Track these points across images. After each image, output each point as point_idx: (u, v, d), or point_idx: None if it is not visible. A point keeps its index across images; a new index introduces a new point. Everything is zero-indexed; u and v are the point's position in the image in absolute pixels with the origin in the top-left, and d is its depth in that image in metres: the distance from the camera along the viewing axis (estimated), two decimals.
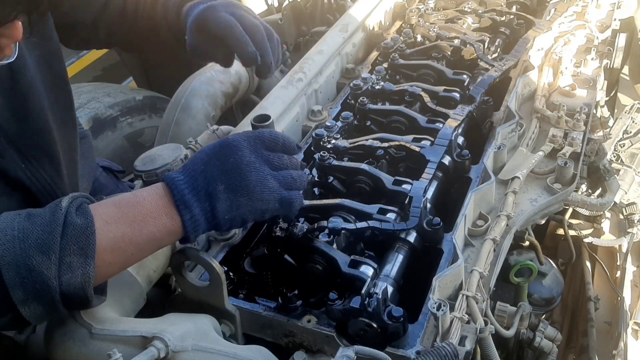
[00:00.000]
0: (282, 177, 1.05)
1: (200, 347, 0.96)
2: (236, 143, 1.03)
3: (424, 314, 1.12)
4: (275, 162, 1.05)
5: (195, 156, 1.04)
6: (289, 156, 1.09)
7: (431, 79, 1.80)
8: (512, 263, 1.51)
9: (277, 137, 1.08)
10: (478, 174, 1.47)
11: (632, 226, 2.14)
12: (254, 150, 1.04)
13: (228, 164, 1.00)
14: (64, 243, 0.88)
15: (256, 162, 1.02)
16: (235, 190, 0.99)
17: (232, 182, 0.99)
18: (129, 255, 0.98)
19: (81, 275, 0.89)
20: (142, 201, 0.97)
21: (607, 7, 2.14)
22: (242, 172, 1.00)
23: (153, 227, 0.96)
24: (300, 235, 1.18)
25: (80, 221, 0.90)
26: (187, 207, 0.97)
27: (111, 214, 0.95)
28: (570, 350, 1.99)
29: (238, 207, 1.00)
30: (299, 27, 2.61)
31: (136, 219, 0.96)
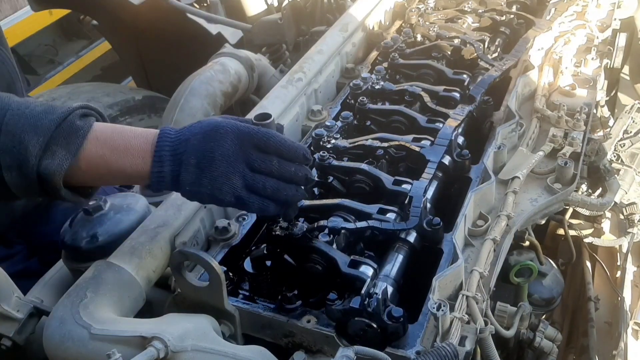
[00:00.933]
0: (253, 180, 1.07)
1: (200, 348, 0.96)
2: (223, 132, 1.07)
3: (424, 314, 1.12)
4: (256, 163, 1.07)
5: (194, 124, 1.10)
6: (280, 162, 1.08)
7: (431, 78, 1.79)
8: (512, 263, 1.51)
9: (269, 138, 1.08)
10: (478, 173, 1.47)
11: (633, 226, 2.15)
12: (238, 144, 1.06)
13: (207, 146, 1.06)
14: (57, 133, 1.02)
15: (232, 157, 1.05)
16: (201, 170, 1.06)
17: (202, 163, 1.05)
18: (100, 174, 1.09)
19: (57, 165, 1.02)
20: (133, 137, 1.09)
21: (607, 6, 2.14)
22: (214, 160, 1.05)
23: (127, 162, 1.07)
24: (300, 235, 1.18)
25: (79, 124, 1.05)
26: (160, 162, 1.07)
27: (106, 134, 1.08)
28: (571, 350, 1.99)
29: (199, 185, 1.06)
30: (299, 27, 2.60)
31: (119, 148, 1.07)
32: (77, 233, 1.25)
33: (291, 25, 2.56)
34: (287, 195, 1.10)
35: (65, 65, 4.79)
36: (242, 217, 1.37)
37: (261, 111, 1.10)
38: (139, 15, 2.97)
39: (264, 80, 2.23)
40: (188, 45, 2.99)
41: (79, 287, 1.08)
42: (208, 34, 2.88)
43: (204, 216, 1.33)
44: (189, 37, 2.97)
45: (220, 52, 2.12)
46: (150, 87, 3.39)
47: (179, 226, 1.25)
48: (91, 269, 1.12)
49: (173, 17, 2.87)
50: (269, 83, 2.19)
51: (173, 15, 2.84)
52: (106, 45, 4.53)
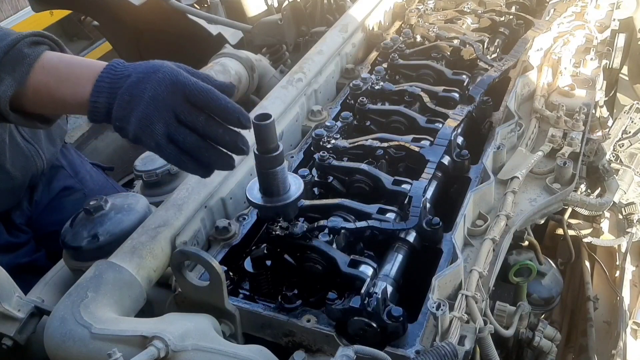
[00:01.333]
0: (175, 130, 1.06)
1: (200, 347, 0.96)
2: (161, 76, 1.07)
3: (424, 313, 1.12)
4: (182, 115, 1.06)
5: (143, 63, 1.11)
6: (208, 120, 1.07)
7: (431, 79, 1.80)
8: (512, 263, 1.52)
9: (201, 92, 1.06)
10: (477, 174, 1.47)
11: (631, 226, 2.15)
12: (171, 91, 1.06)
13: (141, 86, 1.06)
14: (4, 60, 1.06)
15: (160, 102, 1.06)
16: (132, 109, 1.06)
17: (134, 101, 1.06)
18: (44, 102, 1.12)
19: (2, 91, 1.06)
20: (80, 67, 1.11)
21: (606, 7, 2.14)
22: (142, 100, 1.06)
23: (69, 91, 1.10)
24: (300, 234, 1.18)
25: (27, 52, 1.08)
26: (98, 93, 1.09)
27: (53, 62, 1.11)
28: (570, 349, 1.99)
29: (127, 123, 1.07)
30: (299, 28, 2.60)
31: (63, 77, 1.10)
32: (78, 233, 1.25)
33: (291, 25, 2.56)
34: (209, 157, 1.09)
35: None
36: (243, 217, 1.38)
37: (261, 111, 1.10)
38: (140, 16, 2.97)
39: (264, 81, 2.24)
40: (188, 45, 2.99)
41: (79, 286, 1.09)
42: (208, 35, 2.88)
43: (205, 216, 1.34)
44: (189, 38, 2.97)
45: (221, 53, 2.12)
46: None
47: (180, 226, 1.25)
48: (92, 268, 1.13)
49: (173, 18, 2.87)
50: (269, 83, 2.20)
51: (173, 15, 2.85)
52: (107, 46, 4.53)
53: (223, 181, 1.39)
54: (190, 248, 1.09)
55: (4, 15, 4.39)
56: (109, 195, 1.33)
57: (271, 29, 2.57)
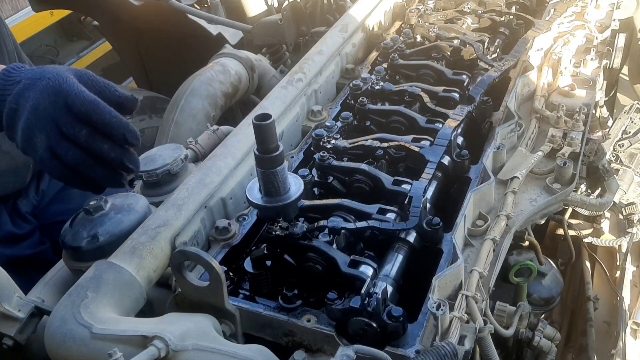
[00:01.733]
0: (57, 144, 1.00)
1: (201, 347, 0.96)
2: (44, 84, 1.00)
3: (424, 313, 1.12)
4: (64, 127, 1.00)
5: (37, 68, 1.05)
6: (90, 135, 1.00)
7: (431, 79, 1.80)
8: (512, 263, 1.52)
9: (84, 104, 0.99)
10: (477, 174, 1.47)
11: (632, 226, 2.15)
12: (53, 101, 0.99)
13: (25, 94, 1.00)
14: None
15: (41, 112, 0.99)
16: (17, 118, 1.01)
17: (18, 110, 1.00)
18: None
19: None
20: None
21: (606, 7, 2.14)
22: (24, 110, 1.00)
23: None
24: (300, 235, 1.18)
25: None
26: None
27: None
28: (569, 349, 1.99)
29: (15, 133, 1.03)
30: (299, 28, 2.61)
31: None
32: (78, 233, 1.25)
33: (291, 26, 2.56)
34: (94, 174, 1.03)
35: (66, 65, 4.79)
36: (243, 217, 1.38)
37: (261, 111, 1.11)
38: (140, 16, 2.97)
39: (264, 81, 2.24)
40: (188, 45, 3.00)
41: (79, 286, 1.09)
42: (208, 35, 2.89)
43: (205, 216, 1.34)
44: (189, 38, 2.98)
45: (221, 53, 2.13)
46: (150, 88, 3.39)
47: (180, 226, 1.25)
48: (92, 268, 1.13)
49: (174, 18, 2.87)
50: (269, 83, 2.20)
51: (174, 16, 2.85)
52: (107, 46, 4.54)
53: (223, 181, 1.39)
54: (190, 248, 1.09)
55: (4, 15, 4.39)
56: (109, 196, 1.33)
57: (271, 29, 2.57)
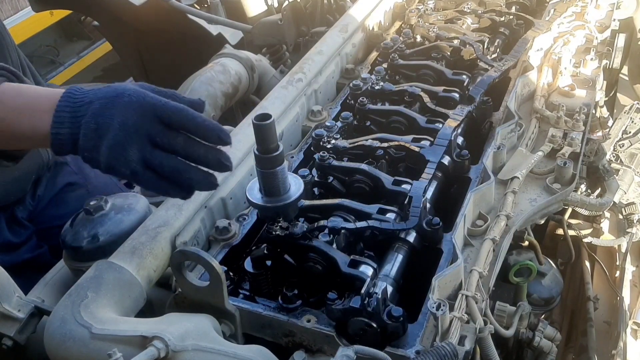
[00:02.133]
0: (151, 155, 1.01)
1: (200, 347, 0.96)
2: (127, 98, 1.01)
3: (424, 313, 1.12)
4: (158, 138, 1.01)
5: (104, 87, 1.04)
6: (188, 141, 1.02)
7: (431, 79, 1.80)
8: (512, 263, 1.52)
9: (175, 113, 1.01)
10: (477, 174, 1.47)
11: (632, 226, 2.15)
12: (141, 114, 1.00)
13: (108, 113, 1.00)
14: None
15: (132, 127, 0.99)
16: (101, 137, 1.00)
17: (102, 129, 1.00)
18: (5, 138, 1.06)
19: None
20: (37, 97, 1.03)
21: (606, 7, 2.14)
22: (112, 128, 0.99)
23: (27, 123, 1.02)
24: (300, 235, 1.18)
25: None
26: (60, 124, 1.01)
27: (9, 95, 1.04)
28: (570, 349, 1.99)
29: (97, 153, 1.01)
30: (299, 28, 2.61)
31: (19, 109, 1.03)
32: (78, 233, 1.25)
33: (291, 26, 2.56)
34: (190, 178, 1.04)
35: (66, 65, 4.80)
36: (243, 217, 1.38)
37: (261, 111, 1.10)
38: (140, 16, 2.97)
39: (264, 81, 2.24)
40: (189, 45, 3.00)
41: (79, 286, 1.09)
42: (208, 35, 2.89)
43: (205, 216, 1.34)
44: (189, 38, 2.98)
45: (221, 53, 2.13)
46: None
47: (180, 226, 1.25)
48: (92, 268, 1.13)
49: (174, 18, 2.87)
50: (269, 83, 2.20)
51: (174, 16, 2.85)
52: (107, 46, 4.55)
53: (223, 181, 1.39)
54: (191, 248, 1.09)
55: (4, 15, 4.39)
56: (109, 196, 1.33)
57: (271, 29, 2.57)
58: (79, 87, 1.05)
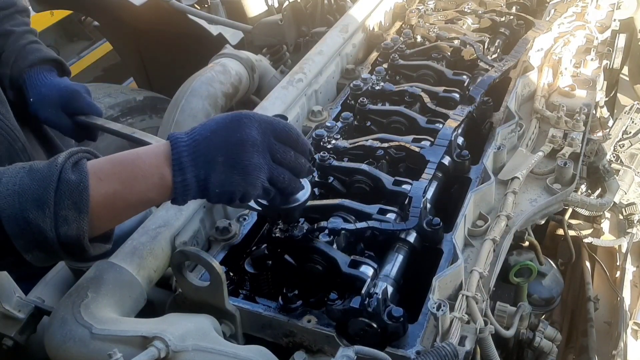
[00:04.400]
0: (276, 172, 1.03)
1: (201, 347, 0.96)
2: (247, 120, 1.01)
3: (424, 314, 1.12)
4: (278, 154, 1.03)
5: (206, 122, 1.03)
6: (296, 154, 1.06)
7: (431, 79, 1.80)
8: (512, 263, 1.52)
9: (290, 131, 1.05)
10: (478, 174, 1.47)
11: (632, 226, 2.15)
12: (263, 133, 1.02)
13: (234, 137, 0.99)
14: (58, 198, 0.92)
15: (261, 146, 1.01)
16: (233, 166, 0.99)
17: (232, 157, 0.99)
18: (120, 211, 1.01)
19: (76, 229, 0.94)
20: (138, 159, 1.00)
21: (606, 7, 2.14)
22: (245, 151, 0.99)
23: (144, 186, 0.98)
24: (301, 236, 1.18)
25: (75, 177, 0.94)
26: (181, 170, 0.98)
27: (106, 170, 0.98)
28: (570, 350, 1.99)
29: (231, 184, 1.00)
30: (299, 28, 2.61)
31: (129, 177, 0.98)
32: None
33: (292, 26, 2.56)
34: (294, 188, 1.09)
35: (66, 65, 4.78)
36: (243, 217, 1.38)
37: (262, 112, 1.11)
38: (140, 16, 2.97)
39: (264, 81, 2.24)
40: (189, 46, 3.00)
41: (80, 287, 1.09)
42: (209, 35, 2.89)
43: (205, 216, 1.34)
44: (189, 38, 2.98)
45: (221, 53, 2.12)
46: (151, 88, 3.39)
47: (180, 226, 1.25)
48: (92, 269, 1.13)
49: (174, 18, 2.87)
50: (270, 84, 2.20)
51: (174, 16, 2.85)
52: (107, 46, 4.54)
53: None
54: (191, 248, 1.09)
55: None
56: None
57: (271, 30, 2.57)
58: (177, 132, 1.03)
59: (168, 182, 0.99)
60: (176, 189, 0.99)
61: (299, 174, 1.09)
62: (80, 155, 0.99)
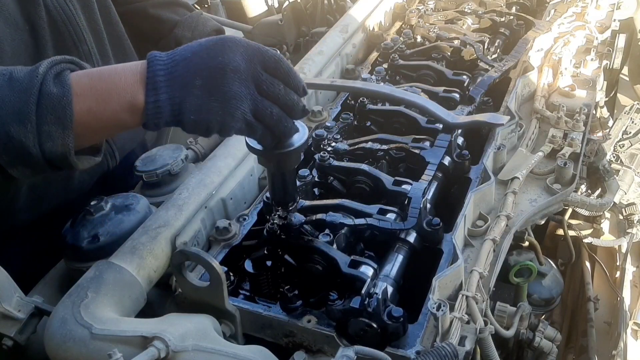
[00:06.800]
0: (262, 105, 0.93)
1: (201, 347, 0.96)
2: (232, 44, 0.93)
3: (424, 314, 1.12)
4: (265, 86, 0.94)
5: (190, 43, 0.96)
6: (286, 89, 0.95)
7: (431, 79, 1.80)
8: (512, 263, 1.52)
9: (280, 61, 0.95)
10: (478, 174, 1.47)
11: (632, 226, 2.15)
12: (248, 60, 0.93)
13: (216, 61, 0.91)
14: (40, 112, 0.87)
15: (244, 74, 0.92)
16: (211, 91, 0.91)
17: (211, 82, 0.91)
18: (94, 130, 0.96)
19: (61, 145, 0.89)
20: (115, 75, 0.93)
21: (606, 7, 2.14)
22: (226, 77, 0.91)
23: (117, 105, 0.92)
24: (298, 226, 1.18)
25: (57, 91, 0.89)
26: (155, 90, 0.91)
27: (83, 84, 0.92)
28: (570, 350, 1.99)
29: (208, 111, 0.92)
30: (299, 28, 2.61)
31: (103, 95, 0.92)
32: (79, 233, 1.25)
33: (291, 26, 2.56)
34: (285, 127, 0.98)
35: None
36: (243, 218, 1.38)
37: None
38: None
39: None
40: None
41: (80, 287, 1.09)
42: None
43: (205, 216, 1.34)
44: None
45: None
46: None
47: (180, 226, 1.25)
48: (92, 269, 1.13)
49: None
50: None
51: None
52: None
53: (223, 182, 1.39)
54: (191, 248, 1.09)
55: None
56: (109, 196, 1.33)
57: (271, 30, 2.57)
58: (158, 53, 0.95)
59: (140, 102, 0.92)
60: (147, 110, 0.92)
61: (290, 112, 0.98)
62: (63, 65, 0.92)
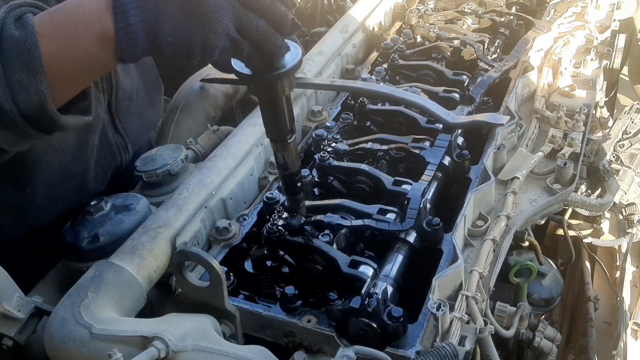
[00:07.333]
0: (246, 17, 0.83)
1: (201, 347, 0.96)
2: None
3: (424, 314, 1.12)
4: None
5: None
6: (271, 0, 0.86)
7: (431, 79, 1.80)
8: (512, 263, 1.52)
9: None
10: (478, 174, 1.47)
11: (632, 226, 2.15)
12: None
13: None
14: (5, 61, 0.79)
15: None
16: (186, 7, 0.81)
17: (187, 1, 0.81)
18: (67, 75, 0.86)
19: (35, 94, 0.81)
20: (79, 6, 0.84)
21: (606, 7, 2.14)
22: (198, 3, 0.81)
23: (85, 39, 0.83)
24: (298, 227, 1.18)
25: (19, 33, 0.80)
26: (123, 13, 0.81)
27: (45, 24, 0.83)
28: (570, 350, 2.00)
29: (187, 30, 0.82)
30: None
31: (68, 30, 0.83)
32: (79, 233, 1.25)
33: None
34: (274, 44, 0.87)
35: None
36: (243, 218, 1.38)
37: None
38: None
39: None
40: None
41: (80, 287, 1.09)
42: None
43: (205, 216, 1.34)
44: None
45: None
46: None
47: (180, 226, 1.25)
48: (92, 269, 1.13)
49: None
50: None
51: None
52: None
53: (223, 182, 1.39)
54: (191, 248, 1.09)
55: None
56: (109, 196, 1.33)
57: None
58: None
59: (110, 31, 0.82)
60: (119, 38, 0.82)
61: (279, 26, 0.87)
62: (24, 9, 0.84)
